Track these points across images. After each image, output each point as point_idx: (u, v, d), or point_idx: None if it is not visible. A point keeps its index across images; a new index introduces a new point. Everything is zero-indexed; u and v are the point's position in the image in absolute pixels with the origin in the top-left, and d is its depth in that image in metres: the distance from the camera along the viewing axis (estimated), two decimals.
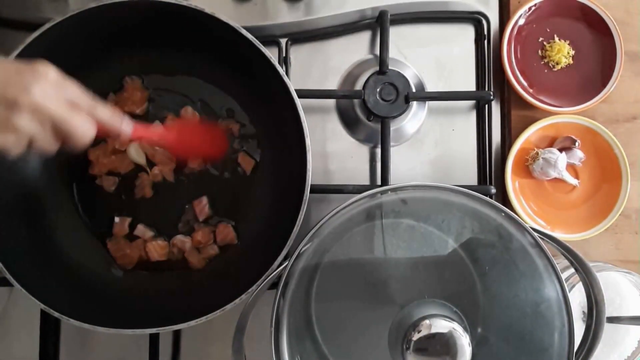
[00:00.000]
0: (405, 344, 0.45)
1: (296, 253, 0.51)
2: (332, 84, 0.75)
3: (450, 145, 0.75)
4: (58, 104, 0.47)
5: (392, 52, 0.73)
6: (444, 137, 0.75)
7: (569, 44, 0.75)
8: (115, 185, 0.70)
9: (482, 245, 0.52)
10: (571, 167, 0.74)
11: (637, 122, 0.76)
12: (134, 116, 0.69)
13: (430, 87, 0.75)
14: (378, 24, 0.74)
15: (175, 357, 0.71)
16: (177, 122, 0.69)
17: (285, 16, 0.74)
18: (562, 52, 0.74)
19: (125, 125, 0.55)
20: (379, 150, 0.73)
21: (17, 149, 0.47)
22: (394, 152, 0.73)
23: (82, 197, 0.70)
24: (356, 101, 0.73)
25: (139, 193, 0.70)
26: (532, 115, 0.74)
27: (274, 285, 0.53)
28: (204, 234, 0.70)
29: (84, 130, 0.49)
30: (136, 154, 0.70)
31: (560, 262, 0.61)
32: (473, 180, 0.75)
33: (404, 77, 0.72)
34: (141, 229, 0.69)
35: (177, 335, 0.72)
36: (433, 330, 0.45)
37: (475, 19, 0.76)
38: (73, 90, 0.50)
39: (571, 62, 0.75)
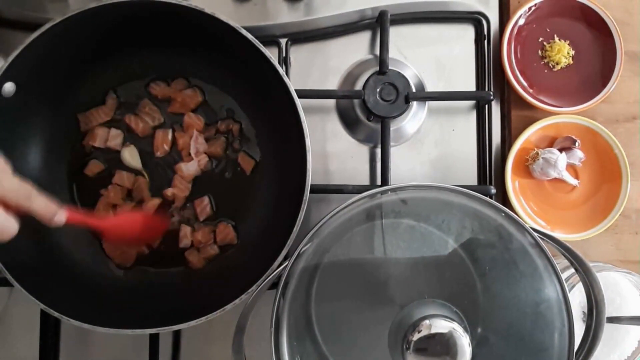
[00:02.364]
0: (405, 344, 0.45)
1: (296, 253, 0.51)
2: (332, 84, 0.75)
3: (450, 145, 0.75)
4: None
5: (392, 52, 0.73)
6: (444, 137, 0.75)
7: (569, 44, 0.75)
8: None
9: (482, 246, 0.52)
10: (571, 167, 0.74)
11: (637, 122, 0.76)
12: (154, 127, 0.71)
13: (430, 87, 0.75)
14: (378, 24, 0.74)
15: (175, 357, 0.71)
16: (115, 214, 0.68)
17: (285, 16, 0.74)
18: (562, 52, 0.74)
19: (58, 216, 0.54)
20: (379, 150, 0.73)
21: None
22: (394, 152, 0.73)
23: (82, 197, 0.70)
24: (356, 101, 0.73)
25: (137, 196, 0.70)
26: (532, 115, 0.74)
27: (274, 285, 0.53)
28: (204, 234, 0.70)
29: (1, 226, 0.48)
30: (130, 158, 0.70)
31: (560, 262, 0.62)
32: (473, 180, 0.75)
33: (404, 77, 0.72)
34: None
35: (177, 335, 0.72)
36: (433, 331, 0.45)
37: (475, 19, 0.76)
38: (6, 186, 0.49)
39: (571, 62, 0.75)
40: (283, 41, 0.73)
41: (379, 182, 0.72)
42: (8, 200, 0.49)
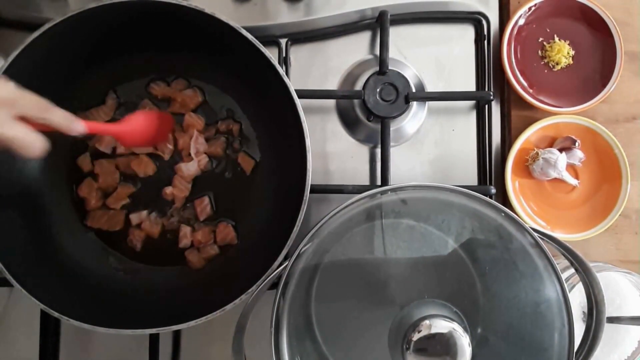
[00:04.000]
0: (405, 344, 0.45)
1: (296, 253, 0.51)
2: (332, 84, 0.75)
3: (450, 145, 0.75)
4: None
5: (392, 52, 0.73)
6: (444, 137, 0.75)
7: (569, 44, 0.75)
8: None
9: (482, 246, 0.52)
10: (571, 167, 0.74)
11: (637, 122, 0.76)
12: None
13: (430, 87, 0.75)
14: (378, 24, 0.74)
15: (175, 357, 0.71)
16: (126, 118, 0.68)
17: (285, 16, 0.74)
18: (562, 52, 0.74)
19: (78, 125, 0.57)
20: (379, 150, 0.73)
21: None
22: (394, 152, 0.73)
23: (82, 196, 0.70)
24: (356, 101, 0.73)
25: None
26: (532, 115, 0.74)
27: (274, 285, 0.53)
28: (204, 234, 0.70)
29: (28, 143, 0.51)
30: None
31: (560, 262, 0.62)
32: (473, 180, 0.75)
33: (404, 77, 0.72)
34: (135, 216, 0.70)
35: (177, 335, 0.72)
36: (433, 331, 0.45)
37: (475, 19, 0.76)
38: (23, 103, 0.52)
39: (571, 62, 0.75)
40: (283, 41, 0.73)
41: (379, 182, 0.72)
42: (29, 115, 0.52)
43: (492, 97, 0.73)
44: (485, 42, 0.75)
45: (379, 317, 0.50)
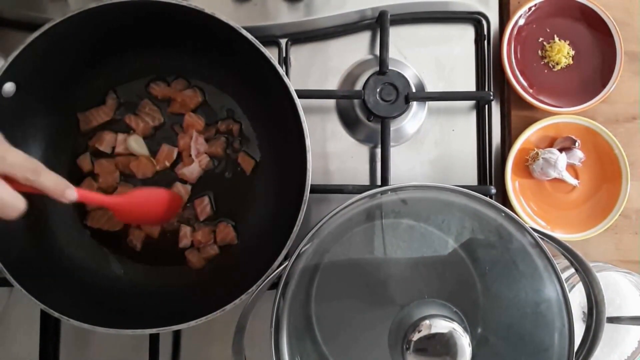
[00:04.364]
0: (405, 344, 0.45)
1: (296, 253, 0.51)
2: (332, 84, 0.75)
3: (450, 145, 0.75)
4: None
5: (392, 52, 0.73)
6: (444, 137, 0.75)
7: (569, 44, 0.75)
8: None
9: (482, 246, 0.52)
10: (571, 167, 0.74)
11: (637, 122, 0.76)
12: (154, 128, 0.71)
13: (430, 87, 0.75)
14: (378, 24, 0.74)
15: (175, 357, 0.71)
16: (128, 191, 0.67)
17: (285, 16, 0.74)
18: (562, 52, 0.74)
19: (69, 192, 0.53)
20: (379, 150, 0.73)
21: None
22: (394, 152, 0.73)
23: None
24: (356, 101, 0.73)
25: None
26: (532, 115, 0.74)
27: (274, 285, 0.53)
28: (204, 234, 0.70)
29: (6, 204, 0.47)
30: (137, 146, 0.70)
31: (560, 262, 0.62)
32: (473, 180, 0.75)
33: (404, 77, 0.72)
34: None
35: (177, 335, 0.72)
36: (433, 331, 0.45)
37: (475, 19, 0.76)
38: (12, 162, 0.48)
39: (571, 62, 0.75)
40: (283, 41, 0.73)
41: (379, 182, 0.72)
42: (14, 175, 0.48)
43: (492, 97, 0.73)
44: (485, 42, 0.75)
45: (379, 317, 0.50)
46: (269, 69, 0.62)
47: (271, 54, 0.61)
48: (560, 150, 0.72)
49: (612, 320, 0.62)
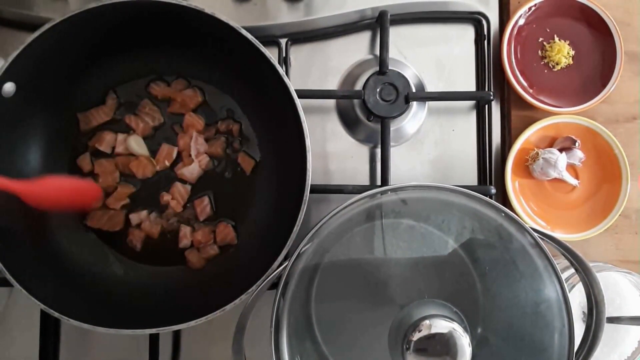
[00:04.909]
0: (405, 344, 0.45)
1: (296, 253, 0.51)
2: (332, 84, 0.75)
3: (450, 146, 0.75)
4: None
5: (392, 52, 0.73)
6: (444, 137, 0.75)
7: (569, 44, 0.75)
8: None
9: (482, 246, 0.52)
10: (571, 167, 0.74)
11: (637, 122, 0.76)
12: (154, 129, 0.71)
13: (430, 87, 0.75)
14: (378, 24, 0.74)
15: (175, 357, 0.71)
16: (42, 178, 0.65)
17: (285, 16, 0.74)
18: (562, 52, 0.74)
19: None
20: (379, 150, 0.73)
21: None
22: (394, 152, 0.73)
23: None
24: (356, 101, 0.73)
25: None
26: (532, 115, 0.74)
27: (274, 285, 0.53)
28: (204, 234, 0.70)
29: None
30: (137, 146, 0.70)
31: (560, 262, 0.61)
32: (473, 180, 0.75)
33: (404, 77, 0.72)
34: (135, 216, 0.70)
35: (177, 335, 0.72)
36: (433, 331, 0.45)
37: (475, 19, 0.76)
38: None
39: (571, 62, 0.75)
40: (283, 41, 0.73)
41: (379, 182, 0.72)
42: None
43: (492, 97, 0.73)
44: (485, 42, 0.75)
45: (379, 317, 0.50)
46: (269, 69, 0.62)
47: (271, 54, 0.61)
48: (560, 150, 0.72)
49: (612, 320, 0.62)
